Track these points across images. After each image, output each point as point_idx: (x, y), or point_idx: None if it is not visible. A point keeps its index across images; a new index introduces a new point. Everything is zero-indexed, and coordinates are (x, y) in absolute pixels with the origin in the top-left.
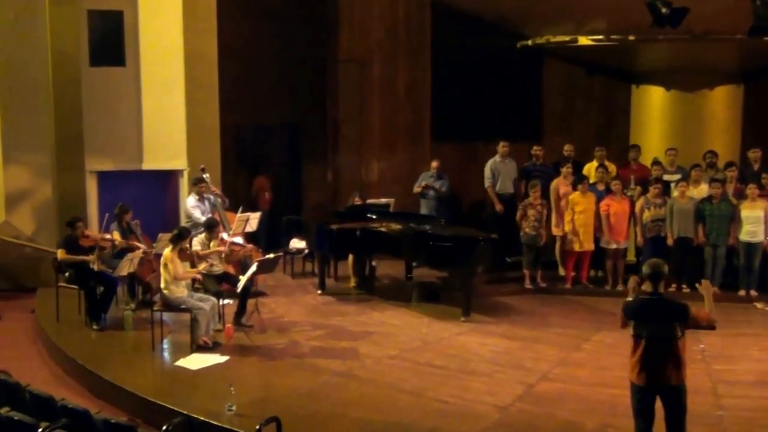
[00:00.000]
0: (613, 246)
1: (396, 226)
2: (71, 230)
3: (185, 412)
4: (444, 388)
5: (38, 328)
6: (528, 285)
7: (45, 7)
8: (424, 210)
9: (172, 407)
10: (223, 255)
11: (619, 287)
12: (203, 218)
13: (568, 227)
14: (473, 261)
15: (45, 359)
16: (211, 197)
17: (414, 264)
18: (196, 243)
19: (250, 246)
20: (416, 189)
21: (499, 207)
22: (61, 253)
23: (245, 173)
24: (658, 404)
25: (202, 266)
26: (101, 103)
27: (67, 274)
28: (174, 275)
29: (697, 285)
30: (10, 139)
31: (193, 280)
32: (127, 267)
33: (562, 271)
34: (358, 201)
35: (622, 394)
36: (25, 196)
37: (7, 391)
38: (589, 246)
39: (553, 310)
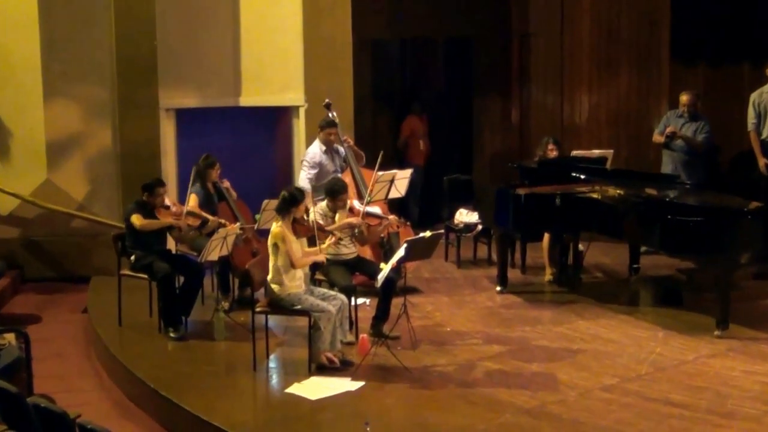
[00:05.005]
0: None
1: (616, 191)
2: (148, 197)
3: None
4: None
5: (92, 335)
6: None
7: None
8: (666, 167)
9: None
10: (356, 231)
11: None
12: (306, 185)
13: None
14: (735, 245)
15: (101, 379)
16: (341, 149)
17: (643, 249)
18: (315, 215)
19: (393, 217)
20: (657, 137)
21: (762, 162)
22: (138, 219)
23: (389, 112)
24: None
25: (327, 242)
26: (182, 12)
27: (132, 257)
28: (292, 259)
29: None
30: (55, 65)
31: (313, 270)
32: (217, 249)
33: None
34: (552, 152)
35: None
36: (75, 145)
37: (50, 423)
38: None
39: None
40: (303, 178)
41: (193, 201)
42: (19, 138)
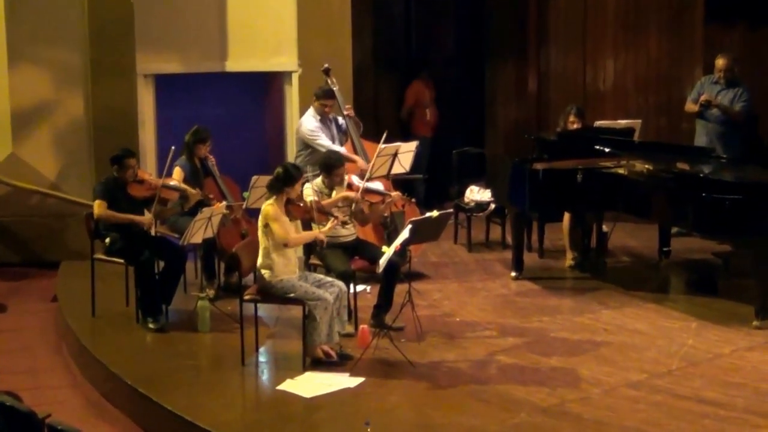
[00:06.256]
0: None
1: (644, 166)
2: (118, 170)
3: None
4: None
5: (63, 326)
6: None
7: None
8: (700, 139)
9: None
10: (353, 208)
11: None
12: (336, 147)
13: None
14: None
15: (74, 375)
16: (340, 119)
17: (674, 230)
18: (308, 191)
19: (397, 194)
20: (690, 106)
21: None
22: (99, 207)
23: (392, 78)
24: None
25: (329, 225)
26: None
27: (107, 240)
28: (283, 241)
29: None
30: (21, 27)
31: (308, 254)
32: (202, 230)
33: None
34: (574, 124)
35: None
36: (43, 115)
37: (17, 424)
38: None
39: None
40: (325, 144)
41: (177, 174)
42: None
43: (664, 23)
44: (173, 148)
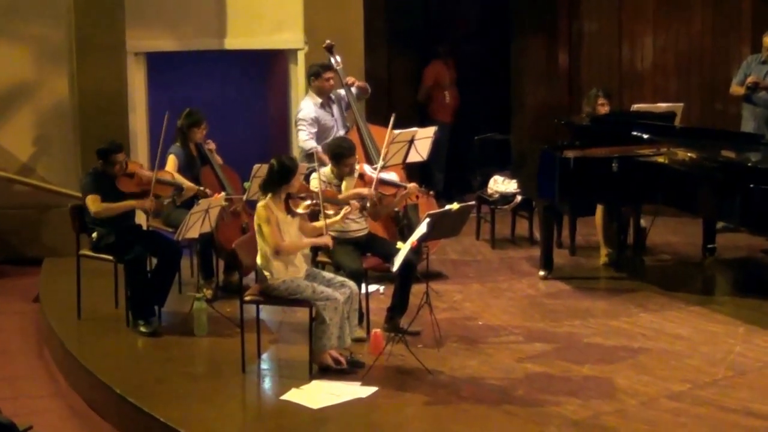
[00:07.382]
0: None
1: (686, 154)
2: (104, 164)
3: None
4: None
5: (45, 329)
6: None
7: None
8: (747, 124)
9: None
10: (367, 202)
11: None
12: (311, 144)
13: None
14: None
15: (57, 383)
16: (342, 93)
17: (719, 225)
18: (315, 183)
19: (413, 185)
20: (736, 89)
21: None
22: (94, 203)
23: (408, 56)
24: None
25: (342, 214)
26: None
27: (94, 235)
28: (275, 247)
29: None
30: None
31: (315, 249)
32: (198, 224)
33: None
34: (603, 107)
35: None
36: (24, 97)
37: None
38: None
39: None
40: (305, 138)
41: (171, 164)
42: None
43: None
44: (168, 113)
